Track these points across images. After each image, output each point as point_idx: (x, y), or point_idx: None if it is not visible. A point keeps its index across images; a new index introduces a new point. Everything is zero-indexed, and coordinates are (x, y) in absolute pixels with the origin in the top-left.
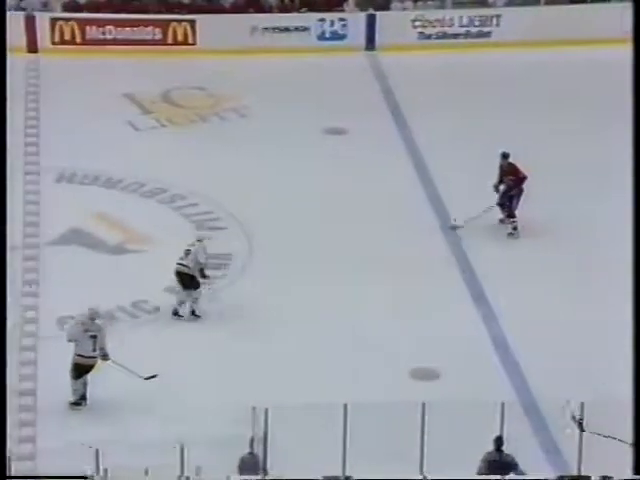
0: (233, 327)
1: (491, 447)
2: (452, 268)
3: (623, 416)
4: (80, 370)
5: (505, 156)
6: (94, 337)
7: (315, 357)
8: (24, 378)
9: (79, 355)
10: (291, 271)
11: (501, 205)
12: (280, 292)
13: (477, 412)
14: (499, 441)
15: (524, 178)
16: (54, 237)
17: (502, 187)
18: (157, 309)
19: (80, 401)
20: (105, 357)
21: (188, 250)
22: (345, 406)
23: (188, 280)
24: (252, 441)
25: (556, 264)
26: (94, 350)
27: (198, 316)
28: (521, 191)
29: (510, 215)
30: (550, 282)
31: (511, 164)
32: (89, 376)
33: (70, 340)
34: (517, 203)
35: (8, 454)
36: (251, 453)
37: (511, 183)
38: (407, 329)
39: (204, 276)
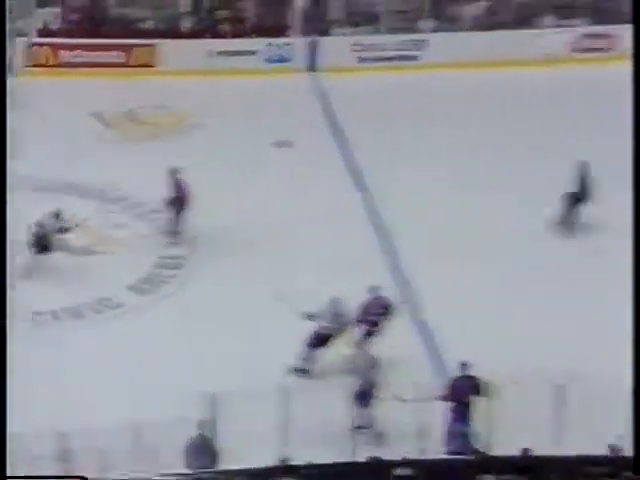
0: None
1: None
2: None
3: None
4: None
5: (174, 172)
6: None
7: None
8: None
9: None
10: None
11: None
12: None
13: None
14: None
15: (183, 198)
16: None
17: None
18: (119, 305)
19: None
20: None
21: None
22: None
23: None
24: (201, 424)
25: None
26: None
27: None
28: (183, 208)
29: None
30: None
31: (178, 180)
32: None
33: None
34: (181, 219)
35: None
36: (201, 434)
37: (176, 198)
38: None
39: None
